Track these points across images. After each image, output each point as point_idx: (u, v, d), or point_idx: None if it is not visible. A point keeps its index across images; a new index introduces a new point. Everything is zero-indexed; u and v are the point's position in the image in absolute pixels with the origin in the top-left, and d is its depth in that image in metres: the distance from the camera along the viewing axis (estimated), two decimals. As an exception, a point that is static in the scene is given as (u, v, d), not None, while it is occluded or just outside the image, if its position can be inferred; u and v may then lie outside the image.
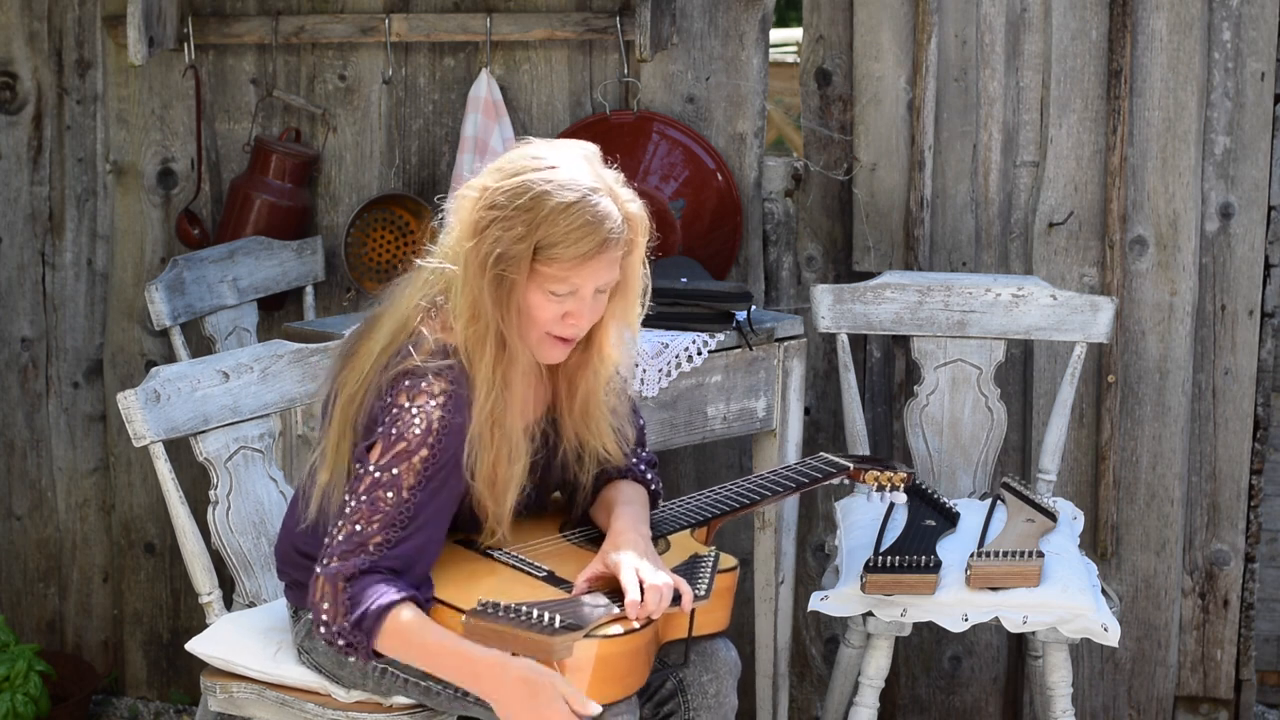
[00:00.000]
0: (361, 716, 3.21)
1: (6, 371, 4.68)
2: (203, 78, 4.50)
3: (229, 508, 3.49)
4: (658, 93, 4.42)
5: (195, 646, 3.35)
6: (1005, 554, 3.64)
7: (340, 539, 3.00)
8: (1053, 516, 3.87)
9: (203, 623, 3.84)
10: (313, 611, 3.02)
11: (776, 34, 6.85)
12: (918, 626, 3.97)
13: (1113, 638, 3.62)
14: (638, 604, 2.97)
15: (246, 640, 3.32)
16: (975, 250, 4.40)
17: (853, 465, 3.53)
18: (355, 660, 3.04)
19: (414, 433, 2.99)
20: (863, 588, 3.61)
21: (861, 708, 3.77)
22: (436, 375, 3.00)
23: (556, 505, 3.36)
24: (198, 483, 3.89)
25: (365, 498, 2.99)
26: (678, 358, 3.91)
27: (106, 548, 4.73)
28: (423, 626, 2.96)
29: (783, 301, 4.48)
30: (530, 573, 3.09)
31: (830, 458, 3.57)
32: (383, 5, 4.45)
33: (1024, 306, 4.09)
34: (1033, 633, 3.70)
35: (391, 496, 2.99)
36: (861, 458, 3.63)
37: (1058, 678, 3.78)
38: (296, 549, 3.20)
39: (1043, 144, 4.33)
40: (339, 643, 3.00)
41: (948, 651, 4.54)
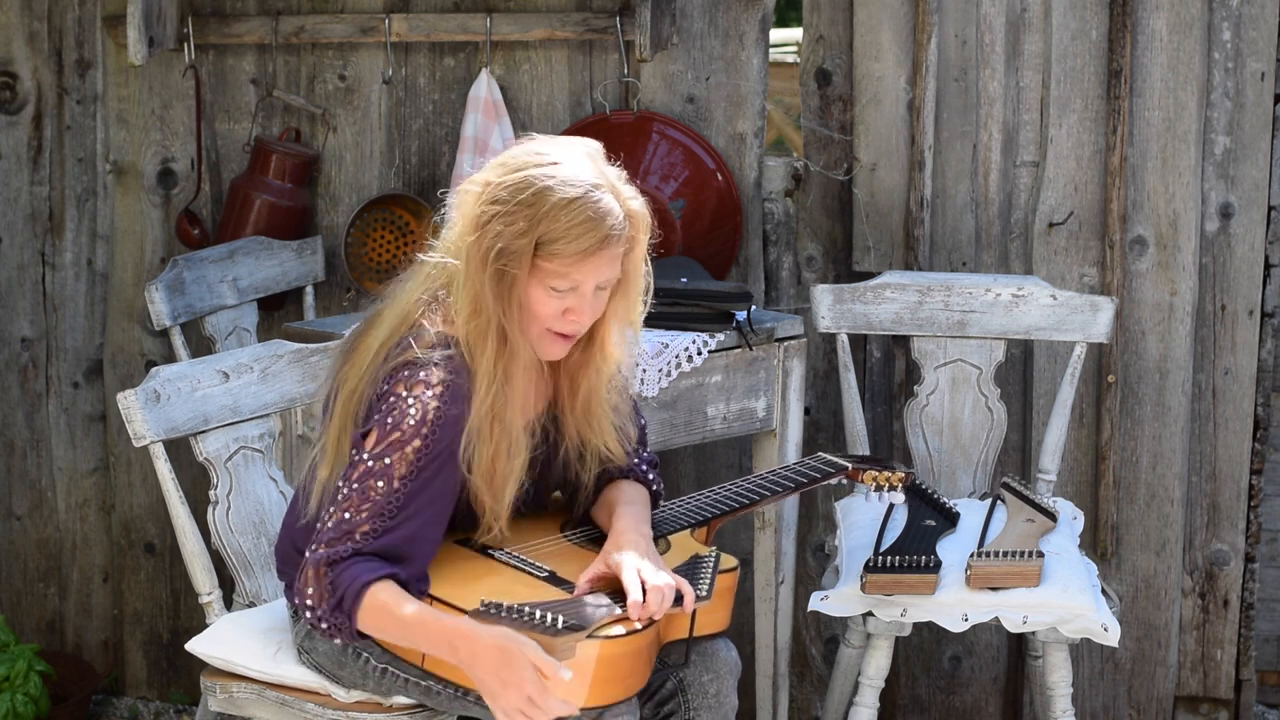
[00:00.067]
0: (361, 716, 3.21)
1: (6, 371, 4.68)
2: (203, 78, 4.50)
3: (229, 508, 3.49)
4: (658, 93, 4.42)
5: (195, 646, 3.35)
6: (1005, 554, 3.63)
7: (330, 526, 3.01)
8: (1053, 516, 3.87)
9: (203, 623, 3.84)
10: (298, 597, 3.03)
11: (776, 34, 6.84)
12: (918, 626, 3.97)
13: (1113, 638, 3.62)
14: (640, 605, 2.97)
15: (246, 640, 3.32)
16: (975, 250, 4.39)
17: (851, 465, 3.53)
18: (341, 642, 3.06)
19: (409, 423, 2.99)
20: (863, 588, 3.61)
21: (861, 708, 3.77)
22: (435, 365, 3.01)
23: (557, 505, 3.36)
24: (198, 483, 3.89)
25: (357, 485, 3.00)
26: (678, 358, 3.90)
27: (106, 548, 4.73)
28: (399, 601, 2.97)
29: (783, 301, 4.48)
30: (532, 573, 3.09)
31: (829, 458, 3.57)
32: (383, 5, 4.45)
33: (1024, 306, 4.09)
34: (1033, 633, 3.70)
35: (382, 486, 2.99)
36: (860, 458, 3.62)
37: (1058, 678, 3.78)
38: (296, 548, 3.19)
39: (1043, 144, 4.33)
40: (322, 626, 3.02)
41: (948, 651, 4.54)
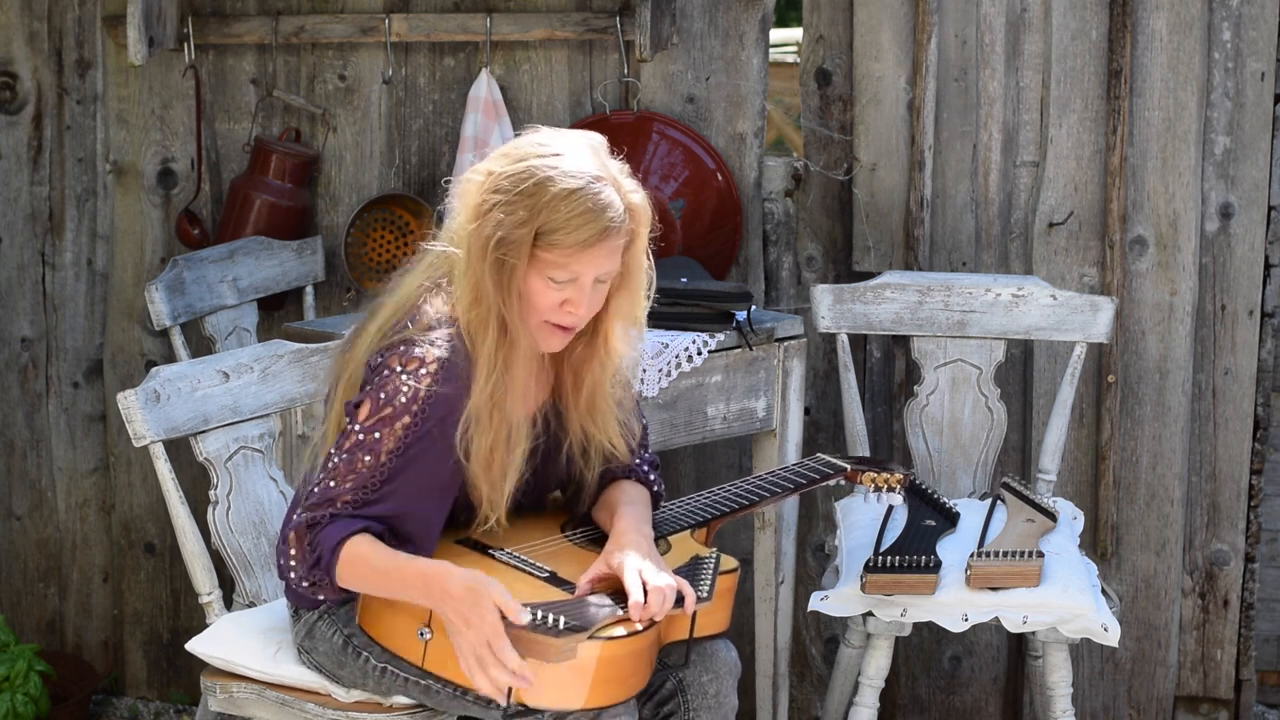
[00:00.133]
0: (361, 716, 3.21)
1: (6, 371, 4.68)
2: (203, 78, 4.50)
3: (229, 508, 3.49)
4: (658, 93, 4.42)
5: (195, 646, 3.35)
6: (1005, 554, 3.63)
7: (316, 492, 3.04)
8: (1053, 516, 3.87)
9: (203, 623, 3.84)
10: (281, 558, 3.07)
11: (776, 34, 6.84)
12: (918, 626, 3.96)
13: (1113, 638, 3.61)
14: (641, 605, 2.97)
15: (246, 640, 3.32)
16: (975, 250, 4.39)
17: (850, 467, 3.53)
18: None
19: (400, 400, 3.01)
20: (863, 588, 3.61)
21: (861, 708, 3.77)
22: (432, 345, 3.02)
23: (557, 505, 3.36)
24: (198, 483, 3.89)
25: (346, 456, 3.03)
26: (678, 358, 3.90)
27: (106, 548, 4.73)
28: (374, 551, 2.99)
29: (783, 301, 4.48)
30: (532, 573, 3.09)
31: (828, 459, 3.57)
32: (383, 5, 4.45)
33: (1024, 306, 4.09)
34: (1033, 633, 3.70)
35: (369, 460, 3.02)
36: (859, 459, 3.62)
37: (1058, 678, 3.78)
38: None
39: (1043, 144, 4.33)
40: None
41: (948, 651, 4.54)
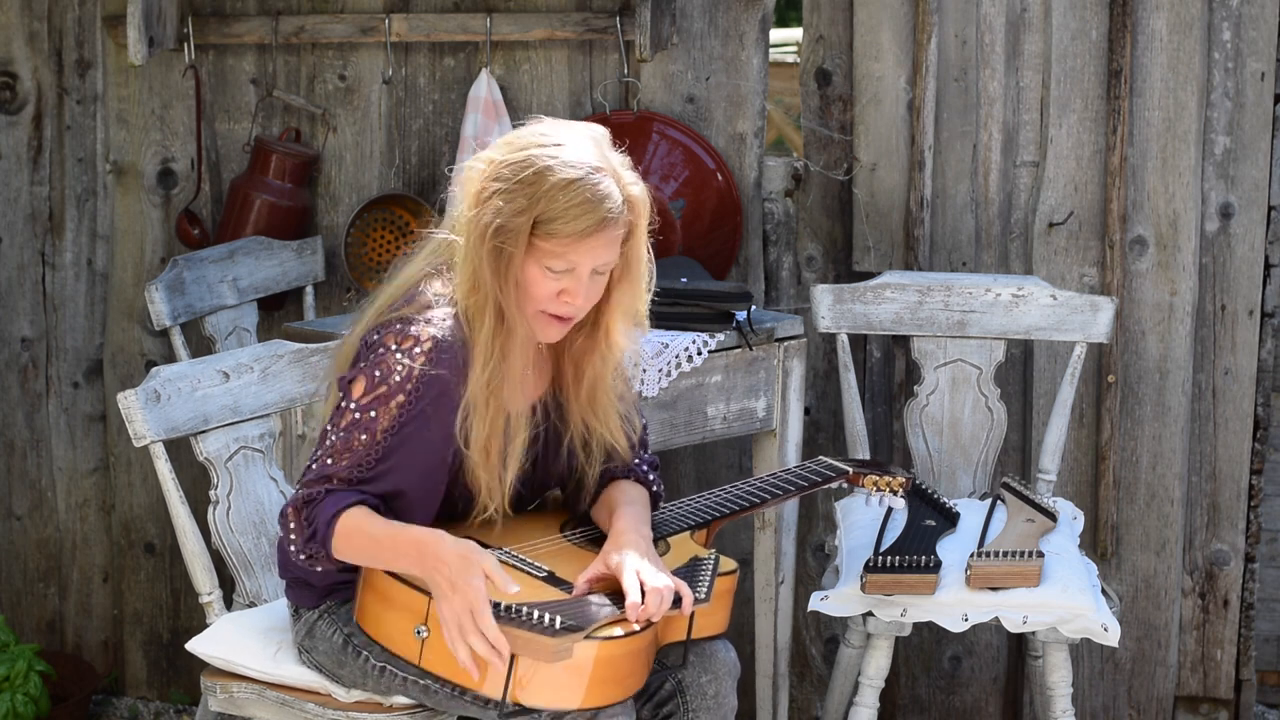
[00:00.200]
0: (361, 716, 3.21)
1: (6, 371, 4.68)
2: (203, 78, 4.50)
3: (229, 508, 3.49)
4: (658, 93, 4.42)
5: (195, 646, 3.35)
6: (1005, 554, 3.63)
7: (313, 469, 3.06)
8: (1053, 516, 3.87)
9: (203, 623, 3.84)
10: (281, 530, 3.08)
11: (776, 34, 6.84)
12: (918, 626, 3.96)
13: (1113, 638, 3.61)
14: (638, 606, 2.97)
15: (246, 640, 3.32)
16: (975, 250, 4.39)
17: (851, 470, 3.53)
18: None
19: (395, 378, 3.02)
20: (863, 588, 3.61)
21: (861, 708, 3.77)
22: (428, 324, 3.04)
23: (556, 505, 3.36)
24: (198, 483, 3.89)
25: (343, 434, 3.05)
26: (678, 358, 3.90)
27: (106, 548, 4.73)
28: (370, 521, 3.01)
29: (783, 301, 4.48)
30: (531, 573, 3.09)
31: (829, 461, 3.57)
32: (383, 5, 4.45)
33: (1024, 306, 4.09)
34: (1033, 633, 3.70)
35: (365, 438, 3.04)
36: (860, 462, 3.62)
37: (1058, 678, 3.78)
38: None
39: (1043, 144, 4.33)
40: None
41: (948, 651, 4.54)
